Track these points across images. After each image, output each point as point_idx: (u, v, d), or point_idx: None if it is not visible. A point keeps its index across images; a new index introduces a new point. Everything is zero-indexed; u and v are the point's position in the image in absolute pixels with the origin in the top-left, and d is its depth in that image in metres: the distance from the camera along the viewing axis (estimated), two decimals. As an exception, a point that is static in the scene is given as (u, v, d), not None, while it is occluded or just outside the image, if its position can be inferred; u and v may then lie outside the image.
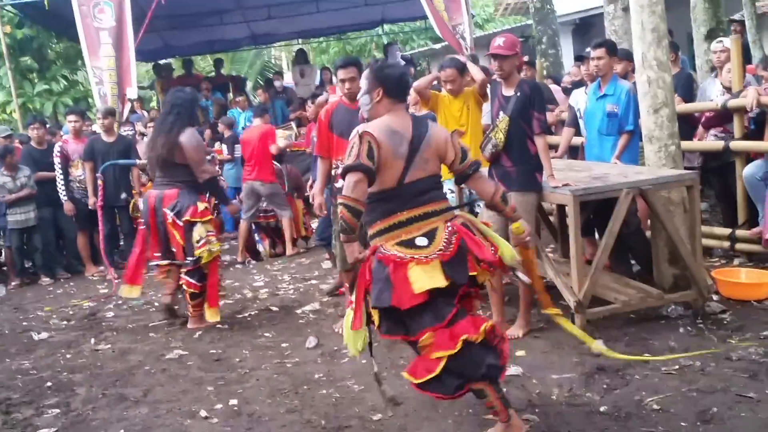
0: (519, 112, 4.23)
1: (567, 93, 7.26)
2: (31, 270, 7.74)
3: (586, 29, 14.15)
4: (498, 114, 4.35)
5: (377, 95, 3.13)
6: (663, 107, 4.66)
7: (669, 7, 4.78)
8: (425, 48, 19.10)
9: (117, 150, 7.25)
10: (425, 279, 2.86)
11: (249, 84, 17.43)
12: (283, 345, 4.66)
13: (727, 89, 5.62)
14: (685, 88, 6.34)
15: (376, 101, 3.14)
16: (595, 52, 5.10)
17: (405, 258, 2.92)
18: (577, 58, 7.86)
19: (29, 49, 12.19)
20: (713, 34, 7.06)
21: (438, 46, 16.71)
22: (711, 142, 5.72)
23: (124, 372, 4.38)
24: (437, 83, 5.64)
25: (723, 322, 4.28)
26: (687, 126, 5.80)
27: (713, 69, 6.45)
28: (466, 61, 5.57)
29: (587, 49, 5.71)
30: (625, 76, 5.55)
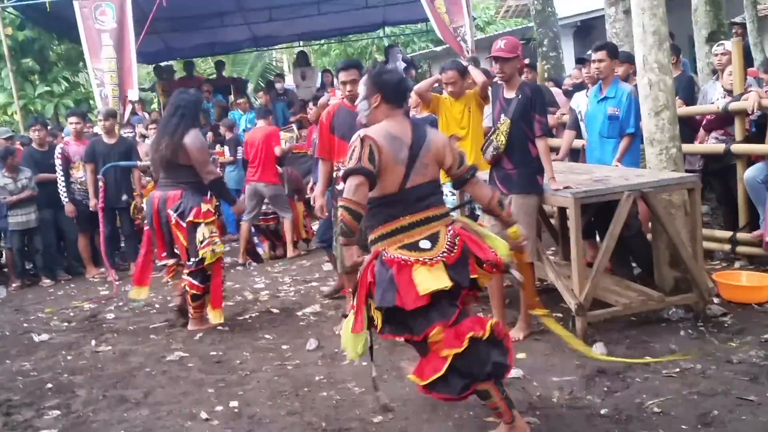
0: (520, 114, 4.23)
1: (568, 96, 7.27)
2: (32, 271, 7.74)
3: (587, 32, 14.17)
4: (499, 116, 4.35)
5: (375, 101, 3.14)
6: (664, 110, 4.66)
7: (670, 10, 4.79)
8: (426, 50, 19.12)
9: (118, 152, 7.24)
10: (430, 280, 2.87)
11: (250, 86, 17.43)
12: (284, 347, 4.66)
13: (729, 92, 5.62)
14: (687, 91, 6.34)
15: (374, 107, 3.15)
16: (596, 54, 5.11)
17: (409, 260, 2.93)
18: (578, 60, 7.86)
19: (30, 51, 12.19)
20: (714, 36, 7.07)
21: (439, 48, 16.73)
22: (712, 145, 5.72)
23: (124, 374, 4.38)
24: (438, 86, 5.65)
25: (724, 325, 4.27)
26: (688, 129, 5.80)
27: (714, 72, 6.45)
28: (467, 64, 5.58)
29: (588, 52, 5.71)
30: (627, 78, 5.55)
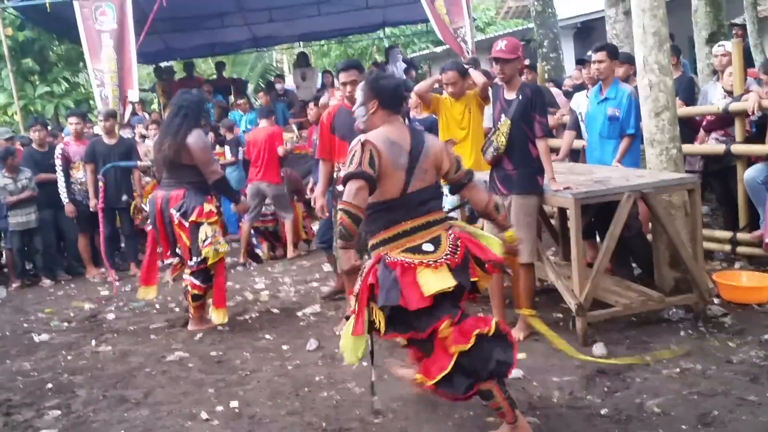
0: (520, 115, 4.24)
1: (568, 96, 7.27)
2: (32, 272, 7.74)
3: (587, 33, 14.19)
4: (500, 117, 4.35)
5: (372, 107, 3.16)
6: (664, 111, 4.67)
7: (670, 11, 4.80)
8: (426, 51, 19.12)
9: (118, 152, 7.24)
10: (435, 281, 2.89)
11: (250, 87, 17.42)
12: (284, 347, 4.66)
13: (729, 93, 5.62)
14: (687, 91, 6.34)
15: (371, 112, 3.17)
16: (597, 55, 5.11)
17: (413, 262, 2.95)
18: (579, 61, 7.86)
19: (30, 52, 12.18)
20: (714, 37, 7.06)
21: (439, 49, 16.74)
22: (712, 145, 5.72)
23: (124, 374, 4.38)
24: (439, 86, 5.65)
25: (724, 325, 4.28)
26: (688, 129, 5.81)
27: (714, 73, 6.45)
28: (467, 66, 5.58)
29: (588, 53, 5.71)
30: (627, 79, 5.55)
